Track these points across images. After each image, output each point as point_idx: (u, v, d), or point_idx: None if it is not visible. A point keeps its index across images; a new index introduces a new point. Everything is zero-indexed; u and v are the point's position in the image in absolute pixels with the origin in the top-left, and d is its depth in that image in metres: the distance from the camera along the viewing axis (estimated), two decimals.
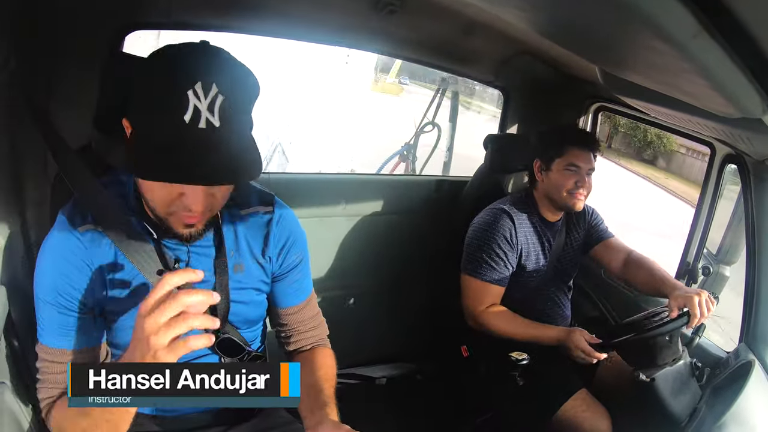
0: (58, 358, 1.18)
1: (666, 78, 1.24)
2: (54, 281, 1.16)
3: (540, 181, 2.13)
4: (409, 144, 5.26)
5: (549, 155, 2.09)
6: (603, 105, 2.64)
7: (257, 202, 1.36)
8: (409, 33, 2.20)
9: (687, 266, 2.29)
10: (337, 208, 2.38)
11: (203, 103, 0.98)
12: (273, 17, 1.93)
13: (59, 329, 1.17)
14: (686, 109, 1.45)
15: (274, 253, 1.37)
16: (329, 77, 6.49)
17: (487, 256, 2.05)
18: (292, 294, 1.45)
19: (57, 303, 1.16)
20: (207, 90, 0.98)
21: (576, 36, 1.32)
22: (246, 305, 1.36)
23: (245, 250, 1.33)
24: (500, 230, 2.05)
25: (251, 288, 1.36)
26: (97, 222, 1.18)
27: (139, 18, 1.64)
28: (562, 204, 2.11)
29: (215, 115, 0.99)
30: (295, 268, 1.42)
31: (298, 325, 1.48)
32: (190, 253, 1.26)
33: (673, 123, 2.05)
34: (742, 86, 0.98)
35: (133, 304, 1.21)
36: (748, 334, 1.89)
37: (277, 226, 1.37)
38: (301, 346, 1.49)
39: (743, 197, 1.95)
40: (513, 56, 2.49)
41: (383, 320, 2.64)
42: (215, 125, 0.99)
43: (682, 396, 1.80)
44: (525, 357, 1.90)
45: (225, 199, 1.16)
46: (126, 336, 1.21)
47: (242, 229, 1.33)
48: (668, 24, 0.78)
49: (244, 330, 1.39)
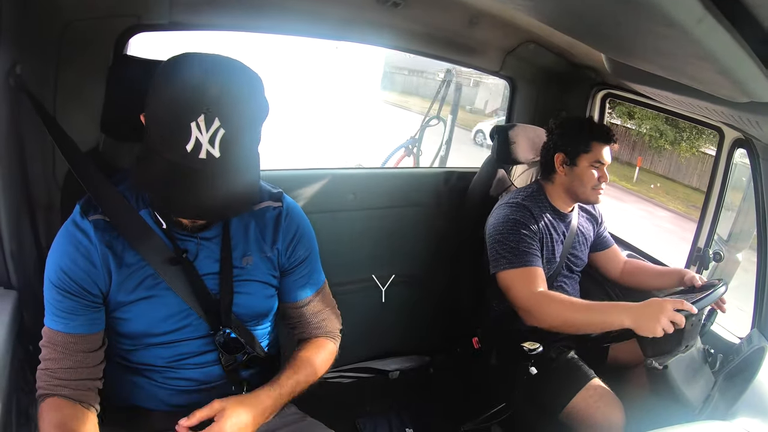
0: (55, 339, 1.23)
1: (672, 63, 1.23)
2: (60, 263, 1.23)
3: (562, 174, 2.10)
4: (415, 138, 5.26)
5: (575, 150, 2.06)
6: (610, 92, 2.62)
7: (268, 197, 1.41)
8: (413, 26, 2.19)
9: (698, 252, 2.28)
10: (347, 202, 2.38)
11: (204, 135, 1.04)
12: (275, 14, 1.92)
13: (59, 312, 1.23)
14: (694, 94, 1.44)
15: (283, 246, 1.41)
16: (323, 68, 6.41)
17: (517, 244, 1.99)
18: (300, 288, 1.47)
19: (60, 286, 1.22)
20: (209, 123, 1.04)
21: (581, 23, 1.31)
22: (253, 297, 1.38)
23: (255, 243, 1.37)
24: (523, 220, 2.02)
25: (259, 281, 1.38)
26: (107, 216, 1.23)
27: (141, 20, 1.64)
28: (585, 198, 2.11)
29: (215, 147, 1.05)
30: (303, 262, 1.45)
31: (303, 319, 1.50)
32: (200, 246, 1.30)
33: (681, 108, 2.04)
34: (749, 70, 0.97)
35: (137, 295, 1.26)
36: (760, 319, 1.88)
37: (285, 220, 1.41)
38: (303, 336, 1.53)
39: (753, 181, 1.93)
40: (518, 46, 2.48)
41: (395, 313, 2.64)
42: (215, 156, 1.06)
43: (695, 383, 1.79)
44: (538, 346, 1.88)
45: None
46: (129, 326, 1.27)
47: (253, 224, 1.37)
48: (673, 9, 0.78)
49: (252, 326, 1.41)
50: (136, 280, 1.26)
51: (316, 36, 2.17)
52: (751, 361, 1.75)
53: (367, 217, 2.48)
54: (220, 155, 1.06)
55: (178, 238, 1.29)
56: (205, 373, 1.35)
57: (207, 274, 1.31)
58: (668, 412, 1.74)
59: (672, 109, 2.21)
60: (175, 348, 1.31)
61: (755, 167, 1.92)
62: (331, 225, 2.24)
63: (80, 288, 1.22)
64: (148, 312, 1.27)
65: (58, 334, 1.23)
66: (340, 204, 2.37)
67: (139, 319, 1.27)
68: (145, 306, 1.26)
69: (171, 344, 1.30)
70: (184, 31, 1.81)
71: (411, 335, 2.72)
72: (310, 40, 2.16)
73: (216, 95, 1.05)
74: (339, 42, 2.32)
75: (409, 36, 2.26)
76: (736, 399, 1.62)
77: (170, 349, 1.31)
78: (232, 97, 1.07)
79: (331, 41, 2.29)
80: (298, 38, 2.16)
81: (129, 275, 1.25)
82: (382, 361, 2.70)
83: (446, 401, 2.55)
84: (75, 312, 1.23)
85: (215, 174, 1.08)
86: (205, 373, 1.35)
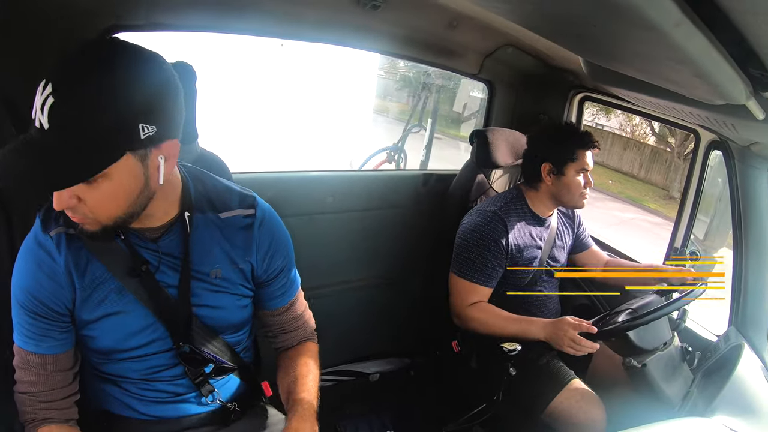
0: (31, 361, 1.21)
1: (650, 66, 1.25)
2: (26, 284, 1.19)
3: (548, 183, 2.11)
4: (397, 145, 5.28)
5: (562, 160, 2.07)
6: (587, 95, 2.65)
7: (237, 204, 1.33)
8: (393, 28, 2.19)
9: (675, 252, 2.31)
10: (325, 205, 2.37)
11: (38, 101, 0.95)
12: (253, 15, 1.91)
13: (28, 332, 1.20)
14: (670, 96, 1.46)
15: (257, 258, 1.34)
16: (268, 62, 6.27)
17: (476, 258, 2.05)
18: (278, 297, 1.44)
19: (28, 308, 1.18)
20: (44, 88, 0.95)
21: (559, 26, 1.32)
22: (226, 309, 1.33)
23: (223, 254, 1.30)
24: (491, 234, 2.04)
25: (231, 293, 1.33)
26: (68, 224, 1.17)
27: (120, 20, 1.61)
28: (572, 205, 2.14)
29: (44, 116, 0.94)
30: (280, 273, 1.40)
31: (284, 325, 1.48)
32: (161, 258, 1.23)
33: (658, 111, 2.07)
34: (726, 73, 0.99)
35: (103, 311, 1.21)
36: (737, 317, 1.92)
37: (259, 231, 1.34)
38: (285, 345, 1.50)
39: (728, 182, 1.97)
40: (497, 49, 2.49)
41: (375, 316, 2.64)
42: (44, 127, 0.95)
43: (673, 381, 1.81)
44: (516, 347, 1.89)
45: (101, 206, 1.06)
46: (97, 343, 1.23)
47: (220, 234, 1.30)
48: (651, 12, 0.79)
49: (228, 335, 1.37)
50: (101, 296, 1.21)
51: (294, 38, 2.16)
52: (728, 359, 1.79)
53: (346, 219, 2.47)
54: (48, 127, 0.94)
55: (138, 248, 1.22)
56: (177, 385, 1.33)
57: (171, 286, 1.25)
58: (648, 409, 1.77)
59: (649, 112, 2.24)
60: (147, 361, 1.28)
61: (730, 168, 1.95)
62: (310, 228, 2.23)
63: (48, 309, 1.19)
64: (114, 328, 1.22)
65: (32, 355, 1.21)
66: (318, 207, 2.35)
67: (106, 336, 1.23)
68: (111, 322, 1.22)
69: (142, 358, 1.27)
70: (163, 32, 1.80)
71: (391, 337, 2.72)
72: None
73: (78, 61, 0.98)
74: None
75: (388, 38, 2.26)
76: (714, 396, 1.65)
77: (142, 362, 1.28)
78: (92, 64, 0.97)
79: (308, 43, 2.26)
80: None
81: (93, 290, 1.20)
82: (362, 363, 2.69)
83: (427, 403, 2.55)
84: (46, 334, 1.20)
85: (43, 144, 0.96)
86: (177, 385, 1.33)
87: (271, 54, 5.69)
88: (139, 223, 1.17)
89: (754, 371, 1.75)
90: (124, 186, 1.04)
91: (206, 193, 1.29)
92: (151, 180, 1.08)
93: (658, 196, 15.50)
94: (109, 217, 1.08)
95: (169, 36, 2.01)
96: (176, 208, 1.24)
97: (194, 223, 1.26)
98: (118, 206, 1.07)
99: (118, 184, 1.03)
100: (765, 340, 1.87)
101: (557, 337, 1.85)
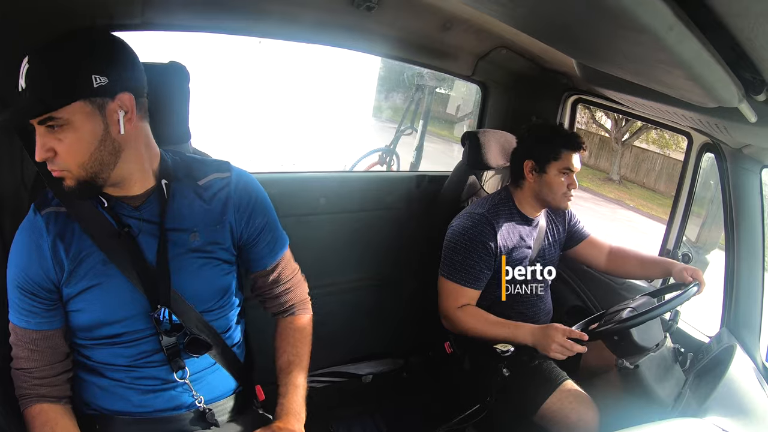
0: (21, 336, 1.29)
1: (643, 69, 1.25)
2: (17, 261, 1.29)
3: (531, 181, 2.12)
4: (389, 147, 5.28)
5: (544, 158, 2.08)
6: (580, 97, 2.65)
7: (214, 170, 1.42)
8: (387, 30, 2.19)
9: (667, 253, 2.32)
10: (318, 206, 2.36)
11: (21, 71, 1.15)
12: (248, 16, 1.90)
13: (19, 309, 1.29)
14: (663, 99, 1.47)
15: (235, 218, 1.41)
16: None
17: (464, 260, 2.05)
18: (266, 257, 1.50)
19: (18, 284, 1.28)
20: (25, 62, 1.16)
21: (553, 29, 1.33)
22: (205, 278, 1.37)
23: (201, 219, 1.36)
24: (479, 238, 2.05)
25: (211, 257, 1.38)
26: (58, 197, 1.29)
27: (114, 19, 1.61)
28: (555, 205, 2.13)
29: (22, 79, 1.15)
30: (262, 231, 1.46)
31: (274, 287, 1.53)
32: (142, 225, 1.31)
33: (651, 113, 2.08)
34: (718, 76, 0.99)
35: (88, 282, 1.27)
36: (729, 318, 1.93)
37: (235, 191, 1.41)
38: (280, 310, 1.56)
39: (720, 185, 1.98)
40: (491, 51, 2.49)
41: (368, 317, 2.63)
42: (22, 87, 1.15)
43: (666, 382, 1.82)
44: (509, 348, 1.90)
45: (69, 154, 1.19)
46: (83, 317, 1.29)
47: (199, 200, 1.38)
48: (645, 16, 0.79)
49: (212, 306, 1.40)
50: (86, 268, 1.27)
51: (290, 39, 2.16)
52: (720, 359, 1.79)
53: (339, 220, 2.47)
54: (24, 87, 1.15)
55: (122, 216, 1.30)
56: (168, 369, 1.35)
57: (151, 253, 1.31)
58: (641, 410, 1.77)
59: (642, 114, 2.25)
60: (134, 347, 1.32)
61: (723, 171, 1.96)
62: (302, 229, 2.22)
63: (37, 286, 1.27)
64: (98, 299, 1.28)
65: (25, 331, 1.28)
66: (311, 208, 2.35)
67: (91, 308, 1.28)
68: (95, 293, 1.28)
69: (128, 343, 1.31)
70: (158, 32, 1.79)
71: (384, 338, 2.71)
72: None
73: (56, 41, 1.18)
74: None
75: (382, 40, 2.26)
76: (707, 396, 1.65)
77: (129, 348, 1.31)
78: (63, 43, 1.18)
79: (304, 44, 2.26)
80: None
81: (79, 263, 1.27)
82: (355, 365, 2.68)
83: (421, 404, 2.55)
84: (33, 310, 1.28)
85: (22, 102, 1.16)
86: (168, 369, 1.35)
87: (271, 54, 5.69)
88: (119, 190, 1.30)
89: (747, 372, 1.75)
90: (86, 134, 1.18)
91: (184, 164, 1.40)
92: (111, 129, 1.21)
93: (597, 179, 16.29)
94: (80, 165, 1.20)
95: (162, 36, 2.00)
96: (155, 178, 1.34)
97: (172, 190, 1.35)
98: (83, 153, 1.19)
99: (80, 133, 1.18)
100: (757, 341, 1.88)
101: (545, 342, 1.86)
